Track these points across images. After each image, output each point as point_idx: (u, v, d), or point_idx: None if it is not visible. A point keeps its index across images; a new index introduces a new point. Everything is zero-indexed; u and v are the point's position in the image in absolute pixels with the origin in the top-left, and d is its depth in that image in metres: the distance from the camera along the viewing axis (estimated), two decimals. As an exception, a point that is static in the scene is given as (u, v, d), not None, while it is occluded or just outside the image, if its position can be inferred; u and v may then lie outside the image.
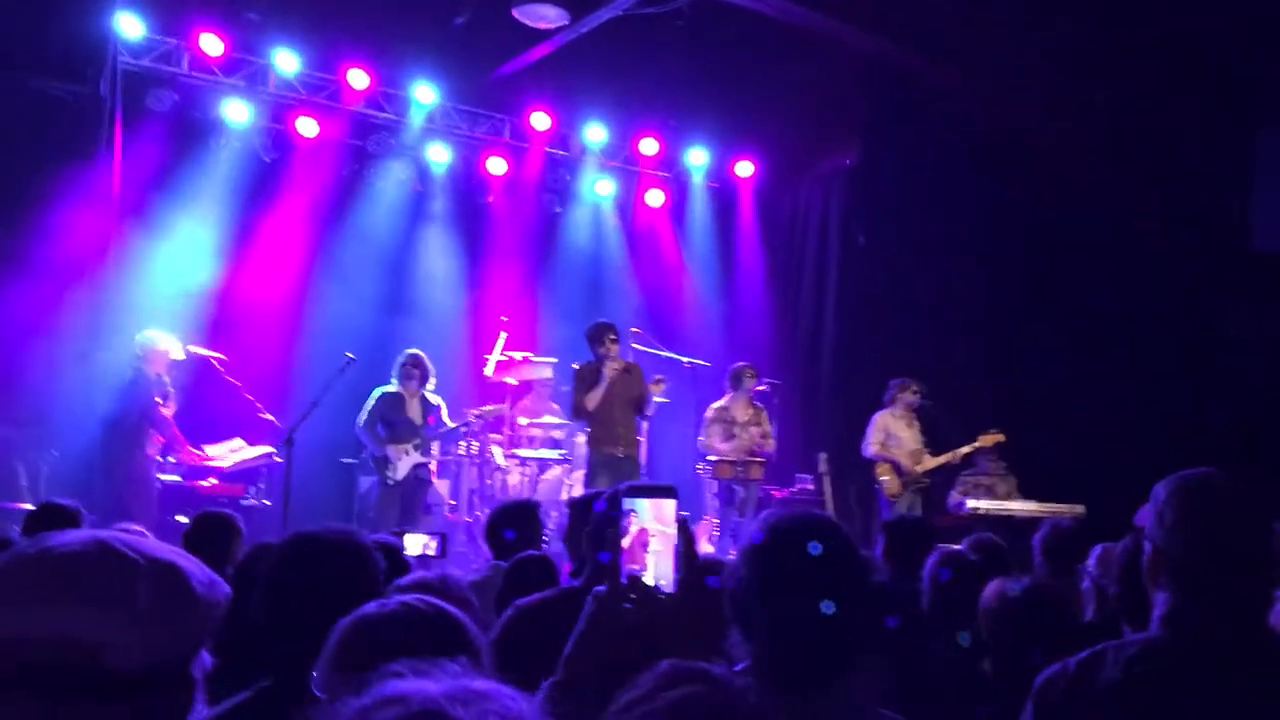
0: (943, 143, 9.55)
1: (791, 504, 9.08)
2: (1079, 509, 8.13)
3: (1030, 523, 6.93)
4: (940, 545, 4.38)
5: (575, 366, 8.36)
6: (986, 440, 8.73)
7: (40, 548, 1.25)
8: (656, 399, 8.38)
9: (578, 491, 8.98)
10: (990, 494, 8.77)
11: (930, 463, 8.85)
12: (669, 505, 1.58)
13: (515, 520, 4.80)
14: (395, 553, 3.68)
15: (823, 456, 9.37)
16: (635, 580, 1.52)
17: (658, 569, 1.55)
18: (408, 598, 1.62)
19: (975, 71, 9.01)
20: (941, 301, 9.61)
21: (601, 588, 1.54)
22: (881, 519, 8.84)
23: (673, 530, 1.56)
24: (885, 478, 8.82)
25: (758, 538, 1.76)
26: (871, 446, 8.87)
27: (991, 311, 9.50)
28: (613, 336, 8.08)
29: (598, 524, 2.32)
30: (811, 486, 9.40)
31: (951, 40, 8.79)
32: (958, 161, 9.50)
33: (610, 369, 7.98)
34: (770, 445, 8.90)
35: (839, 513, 9.08)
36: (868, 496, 9.13)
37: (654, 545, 1.55)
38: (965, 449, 8.79)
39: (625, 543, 1.58)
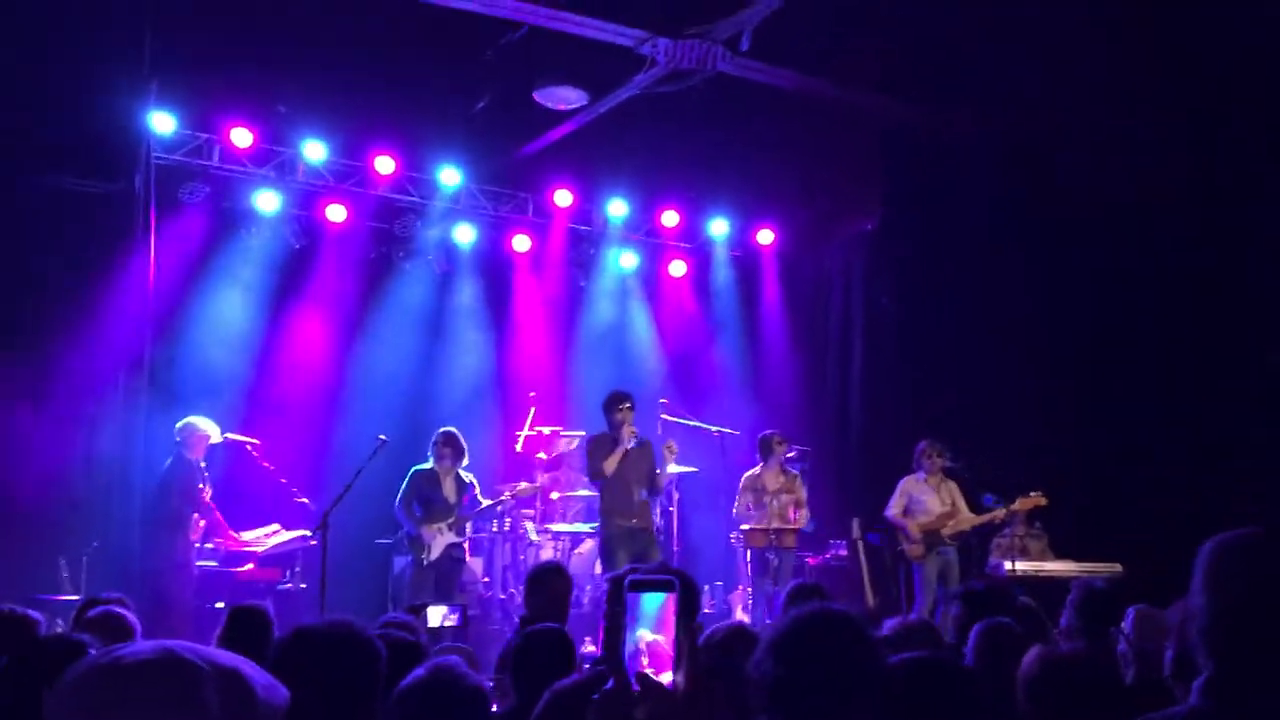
0: (963, 202, 9.61)
1: (826, 572, 9.03)
2: (1116, 568, 8.05)
3: (1067, 583, 6.86)
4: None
5: (585, 435, 8.46)
6: (1025, 503, 8.62)
7: (112, 657, 1.31)
8: (671, 468, 8.42)
9: (611, 565, 8.99)
10: (1024, 555, 8.69)
11: (958, 524, 8.75)
12: (669, 599, 1.60)
13: (546, 580, 4.94)
14: (410, 630, 3.74)
15: (856, 522, 9.33)
16: (642, 677, 1.55)
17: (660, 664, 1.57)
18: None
19: (995, 130, 9.10)
20: (968, 361, 9.61)
21: (609, 684, 1.56)
22: (915, 583, 8.79)
23: (671, 625, 1.59)
24: (905, 543, 8.78)
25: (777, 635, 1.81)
26: (890, 510, 8.85)
27: (1019, 369, 9.48)
28: (627, 405, 8.15)
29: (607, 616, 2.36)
30: (845, 553, 9.35)
31: (969, 100, 8.90)
32: (979, 220, 9.55)
33: (628, 433, 8.04)
34: (804, 516, 8.86)
35: (874, 578, 9.02)
36: (900, 561, 9.05)
37: (653, 639, 1.58)
38: (1002, 511, 8.68)
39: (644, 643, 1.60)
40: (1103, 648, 4.15)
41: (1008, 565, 8.31)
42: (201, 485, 7.83)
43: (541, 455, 9.58)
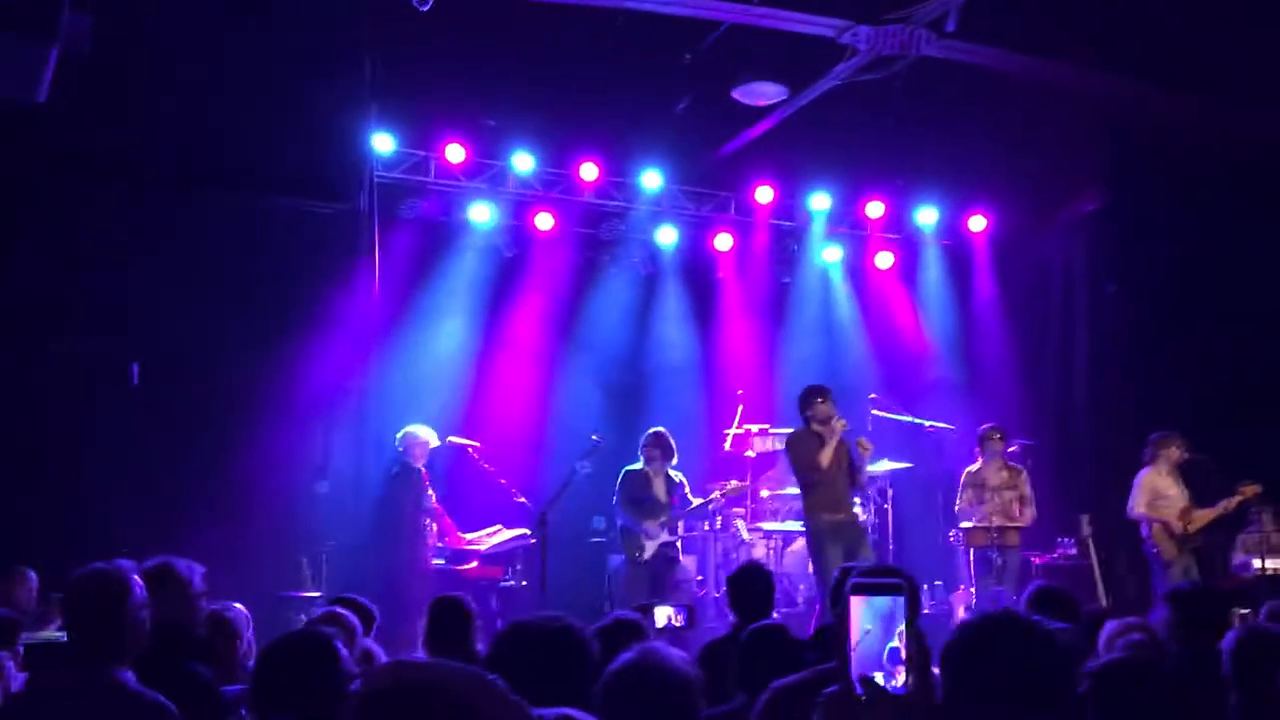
0: (1194, 178, 9.00)
1: (1054, 571, 8.62)
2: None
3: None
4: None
5: (787, 435, 8.32)
6: (1246, 492, 8.05)
7: None
8: (880, 465, 8.21)
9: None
10: (1274, 552, 8.06)
11: (1201, 520, 8.19)
12: (898, 603, 1.55)
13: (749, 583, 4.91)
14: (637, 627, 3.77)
15: (1085, 519, 8.85)
16: (867, 682, 1.51)
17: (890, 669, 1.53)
18: None
19: (1227, 103, 8.46)
20: (1200, 349, 8.98)
21: (833, 687, 1.53)
22: (1155, 583, 8.27)
23: (901, 629, 1.54)
24: (1160, 540, 8.24)
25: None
26: (1138, 507, 8.33)
27: (1255, 356, 8.79)
28: (821, 398, 7.97)
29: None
30: (1074, 552, 8.89)
31: (1199, 73, 8.31)
32: (1212, 198, 8.91)
33: (838, 424, 7.86)
34: (1029, 514, 8.51)
35: (1107, 579, 8.55)
36: (1139, 561, 8.54)
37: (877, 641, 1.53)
38: (1233, 501, 8.12)
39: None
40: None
41: (1257, 563, 7.74)
42: (429, 490, 8.25)
43: (750, 453, 9.55)
